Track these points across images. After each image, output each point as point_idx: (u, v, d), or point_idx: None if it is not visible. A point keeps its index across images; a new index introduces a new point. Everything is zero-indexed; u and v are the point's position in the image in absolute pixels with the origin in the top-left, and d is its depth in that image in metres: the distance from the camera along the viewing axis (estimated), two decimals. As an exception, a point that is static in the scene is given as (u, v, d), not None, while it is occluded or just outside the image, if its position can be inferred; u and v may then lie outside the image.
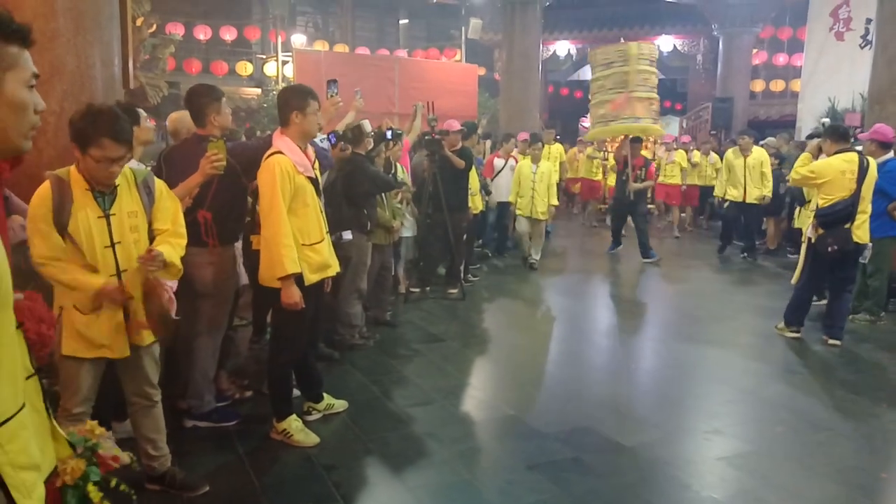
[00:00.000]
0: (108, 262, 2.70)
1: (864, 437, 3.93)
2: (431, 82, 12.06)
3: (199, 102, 3.66)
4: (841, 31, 12.78)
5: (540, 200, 8.42)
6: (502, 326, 6.43)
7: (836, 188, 5.36)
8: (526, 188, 8.47)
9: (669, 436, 3.91)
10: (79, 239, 2.64)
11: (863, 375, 4.97)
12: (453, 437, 3.81)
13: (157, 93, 10.42)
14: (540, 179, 8.44)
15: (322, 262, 3.64)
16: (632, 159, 9.26)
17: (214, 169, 3.33)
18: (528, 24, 13.90)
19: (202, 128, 3.68)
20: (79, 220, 2.63)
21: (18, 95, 1.28)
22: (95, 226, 2.67)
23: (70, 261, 2.64)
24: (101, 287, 2.64)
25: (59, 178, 2.65)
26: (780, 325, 5.92)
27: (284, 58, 15.53)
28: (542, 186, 8.43)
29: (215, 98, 3.68)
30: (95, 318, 2.68)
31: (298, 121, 3.52)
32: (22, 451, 1.27)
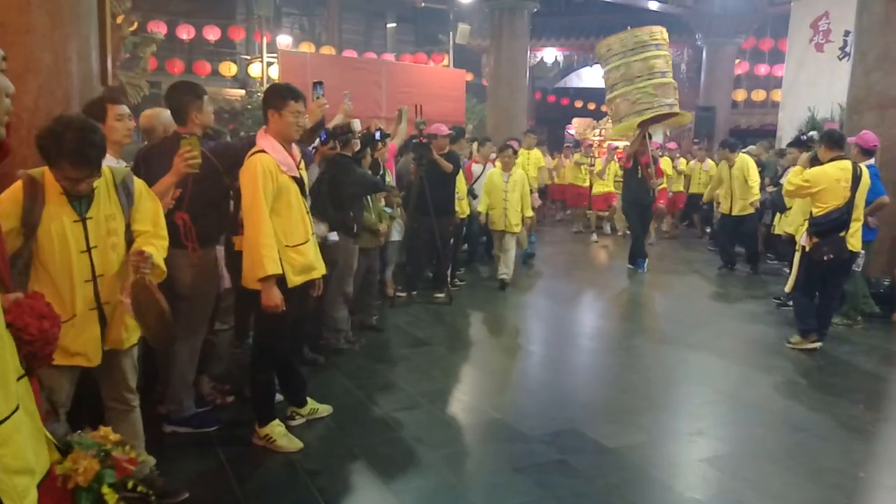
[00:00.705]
0: (84, 267, 2.61)
1: (842, 438, 3.99)
2: (419, 87, 12.05)
3: (180, 100, 3.57)
4: (821, 43, 12.96)
5: (513, 211, 7.75)
6: (488, 331, 6.43)
7: (831, 196, 5.34)
8: (497, 199, 7.78)
9: (653, 438, 3.94)
10: (49, 244, 2.53)
11: (841, 378, 5.04)
12: (439, 442, 3.80)
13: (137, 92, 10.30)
14: (512, 188, 7.75)
15: (306, 264, 3.59)
16: (641, 156, 8.81)
17: (189, 167, 3.20)
18: (516, 30, 13.96)
19: (183, 126, 3.57)
20: (51, 225, 2.53)
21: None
22: (71, 230, 2.57)
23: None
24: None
25: (33, 178, 2.54)
26: (794, 338, 5.70)
27: (269, 59, 15.45)
28: (514, 196, 7.75)
29: (197, 95, 3.58)
30: (70, 327, 2.57)
31: (274, 120, 3.47)
32: (15, 455, 1.24)
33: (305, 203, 3.64)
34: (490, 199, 7.83)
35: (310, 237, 3.62)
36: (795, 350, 5.62)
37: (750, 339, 6.12)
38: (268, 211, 3.37)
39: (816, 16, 13.01)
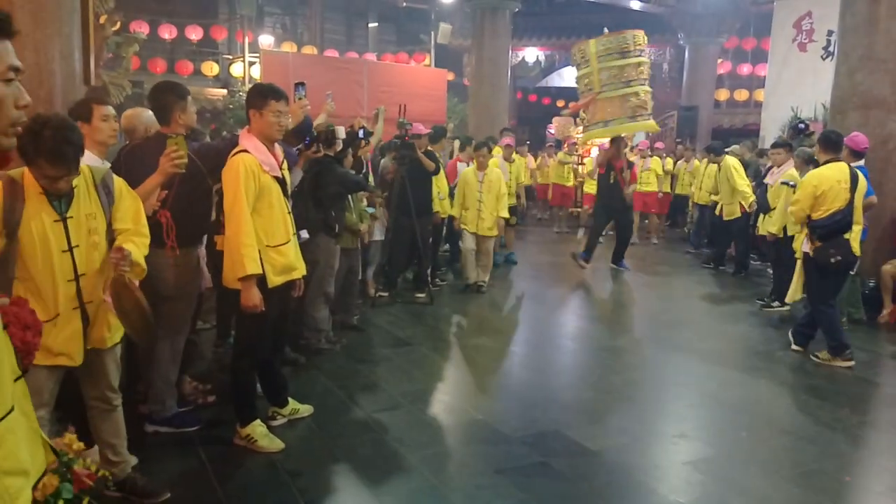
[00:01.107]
0: (66, 266, 2.58)
1: (827, 441, 3.99)
2: (400, 86, 12.01)
3: (164, 100, 3.55)
4: (804, 43, 13.06)
5: (487, 214, 7.37)
6: (470, 331, 6.41)
7: (832, 199, 5.23)
8: (471, 199, 7.41)
9: (636, 440, 3.92)
10: (31, 244, 2.50)
11: (825, 380, 5.05)
12: (420, 443, 3.77)
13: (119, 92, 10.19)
14: (487, 189, 7.35)
15: (286, 264, 3.56)
16: (616, 161, 8.62)
17: (175, 167, 3.16)
18: (497, 29, 13.94)
19: (166, 126, 3.55)
20: (32, 225, 2.50)
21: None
22: (51, 230, 2.54)
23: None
24: None
25: (12, 179, 2.51)
26: (823, 354, 5.42)
27: (251, 59, 15.35)
28: (489, 197, 7.35)
29: (180, 96, 3.57)
30: (52, 326, 2.55)
31: (256, 120, 3.47)
32: (8, 456, 1.23)
33: (287, 204, 3.62)
34: (464, 199, 7.48)
35: (291, 238, 3.60)
36: (780, 352, 5.64)
37: (734, 340, 6.14)
38: (249, 210, 3.35)
39: (800, 15, 13.10)
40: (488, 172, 7.41)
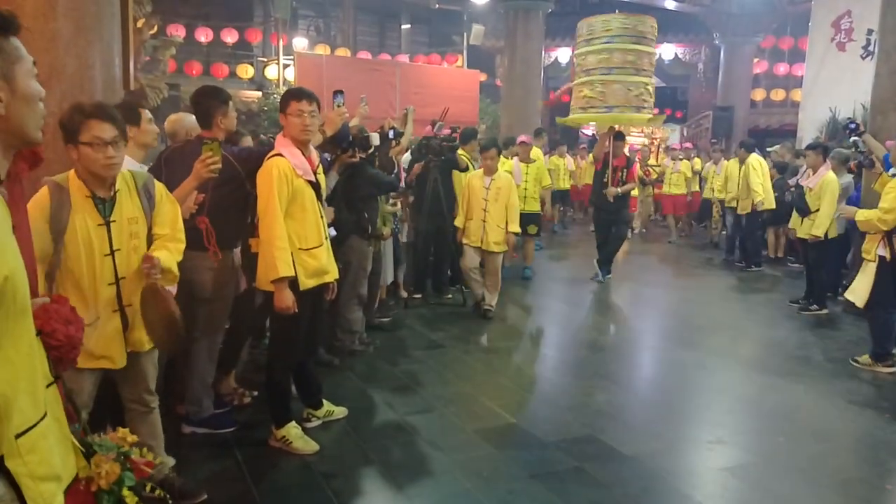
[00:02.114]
0: (107, 270, 2.64)
1: (867, 448, 3.90)
2: (433, 87, 12.06)
3: (206, 104, 3.62)
4: (843, 42, 12.79)
5: (493, 226, 6.41)
6: (502, 333, 6.38)
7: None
8: (476, 208, 6.45)
9: (671, 445, 3.88)
10: (76, 248, 2.57)
11: (865, 386, 4.94)
12: (454, 446, 3.77)
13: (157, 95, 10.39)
14: (494, 198, 6.39)
15: (319, 267, 3.59)
16: (613, 158, 7.99)
17: (210, 172, 3.21)
18: (530, 30, 13.89)
19: (208, 129, 3.62)
20: (77, 228, 2.56)
21: (30, 87, 1.27)
22: (95, 234, 2.61)
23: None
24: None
25: (58, 184, 2.58)
26: (863, 358, 5.34)
27: (286, 61, 15.50)
28: (496, 208, 6.39)
29: (222, 101, 3.63)
30: (93, 329, 2.60)
31: (284, 123, 3.54)
32: (42, 462, 1.25)
33: (321, 207, 3.64)
34: (468, 208, 6.56)
35: (323, 241, 3.63)
36: (819, 357, 5.52)
37: (770, 344, 6.03)
38: (282, 214, 3.39)
39: (838, 14, 12.83)
40: (496, 178, 6.45)
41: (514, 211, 6.47)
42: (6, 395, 1.16)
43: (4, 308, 1.16)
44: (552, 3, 14.09)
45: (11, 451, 1.19)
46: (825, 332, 6.40)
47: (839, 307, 7.17)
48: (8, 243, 1.19)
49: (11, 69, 1.23)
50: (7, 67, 1.22)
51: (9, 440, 1.19)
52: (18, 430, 1.20)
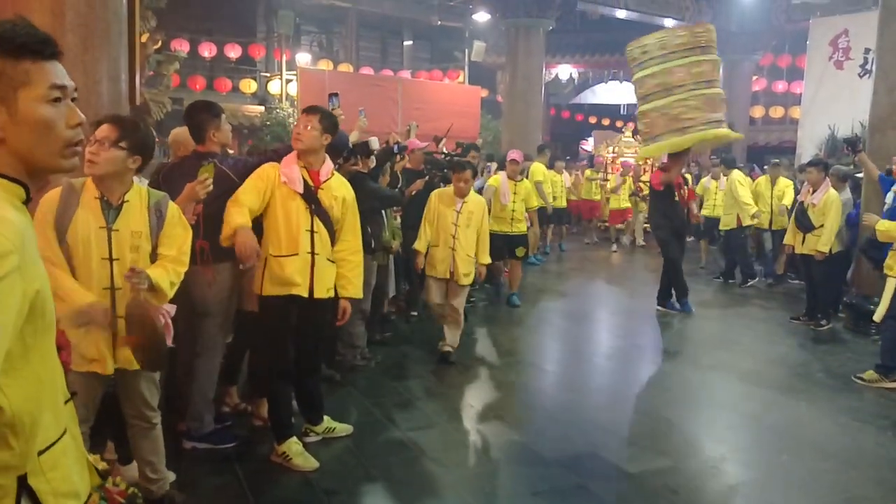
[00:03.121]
0: (103, 275, 2.66)
1: (870, 465, 3.89)
2: (434, 103, 12.15)
3: (198, 119, 3.64)
4: (840, 61, 12.89)
5: (463, 256, 5.46)
6: (504, 349, 6.38)
7: None
8: (444, 234, 5.49)
9: (674, 462, 3.86)
10: (76, 248, 2.62)
11: (867, 402, 4.94)
12: (456, 462, 3.76)
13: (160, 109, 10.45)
14: (466, 223, 5.48)
15: (284, 277, 3.53)
16: (676, 179, 7.47)
17: (204, 194, 3.30)
18: (531, 47, 14.00)
19: (201, 144, 3.65)
20: (78, 228, 2.62)
21: (37, 113, 1.21)
22: (95, 236, 2.65)
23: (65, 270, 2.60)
24: (89, 304, 2.55)
25: (72, 185, 2.65)
26: (868, 374, 5.32)
27: (289, 76, 15.61)
28: (467, 235, 5.48)
29: (215, 114, 3.66)
30: (86, 332, 2.62)
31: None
32: (64, 479, 1.26)
33: (316, 221, 3.60)
34: (433, 232, 5.56)
35: (300, 252, 3.55)
36: (820, 374, 5.53)
37: (772, 360, 6.02)
38: (250, 199, 3.47)
39: (836, 33, 12.94)
40: (468, 201, 5.53)
41: (486, 238, 5.68)
42: (32, 413, 1.16)
43: (34, 323, 1.16)
44: (553, 21, 14.20)
45: (35, 468, 1.20)
46: (826, 348, 6.40)
47: (840, 323, 7.18)
48: (38, 259, 1.20)
49: (12, 93, 1.19)
50: (6, 91, 1.19)
51: (32, 458, 1.19)
52: (41, 447, 1.21)
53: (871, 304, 6.77)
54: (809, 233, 6.97)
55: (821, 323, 7.04)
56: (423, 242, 5.57)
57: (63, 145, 1.25)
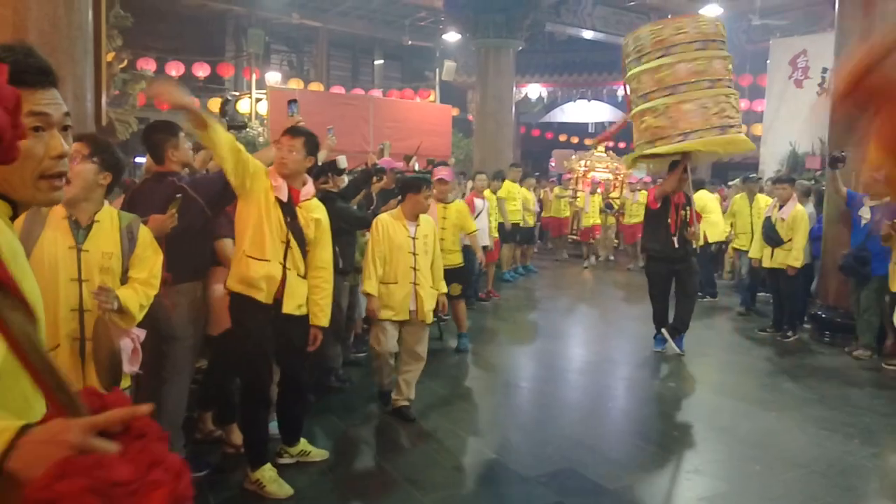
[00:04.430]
0: (71, 296, 2.60)
1: (839, 474, 3.97)
2: (406, 122, 12.19)
3: (155, 138, 3.58)
4: (800, 79, 13.27)
5: (427, 289, 4.67)
6: (479, 367, 6.38)
7: None
8: (401, 267, 4.60)
9: (649, 476, 3.90)
10: (40, 269, 2.51)
11: (834, 412, 5.03)
12: (434, 484, 3.74)
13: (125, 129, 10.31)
14: (423, 250, 4.68)
15: (250, 277, 3.48)
16: (674, 195, 6.41)
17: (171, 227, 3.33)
18: (501, 67, 14.18)
19: (160, 164, 3.60)
20: (45, 248, 2.56)
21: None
22: (63, 256, 2.60)
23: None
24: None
25: (38, 207, 2.59)
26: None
27: (258, 95, 15.55)
28: (427, 263, 4.70)
29: (172, 133, 3.60)
30: (54, 357, 2.56)
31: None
32: None
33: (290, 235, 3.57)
34: (387, 266, 4.60)
35: (270, 259, 3.51)
36: (788, 384, 5.64)
37: (741, 372, 6.12)
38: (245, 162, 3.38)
39: (795, 53, 13.34)
40: (421, 223, 4.74)
41: (440, 263, 4.93)
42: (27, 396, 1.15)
43: None
44: (522, 41, 14.40)
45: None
46: (794, 360, 6.52)
47: (806, 334, 7.34)
48: (29, 272, 1.19)
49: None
50: None
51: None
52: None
53: (836, 316, 6.99)
54: (778, 247, 7.12)
55: (787, 334, 7.20)
56: (374, 283, 4.54)
57: (37, 176, 1.20)
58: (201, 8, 17.73)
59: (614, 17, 16.11)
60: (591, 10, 15.72)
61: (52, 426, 0.91)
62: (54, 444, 0.87)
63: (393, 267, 4.59)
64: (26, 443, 0.88)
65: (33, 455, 0.87)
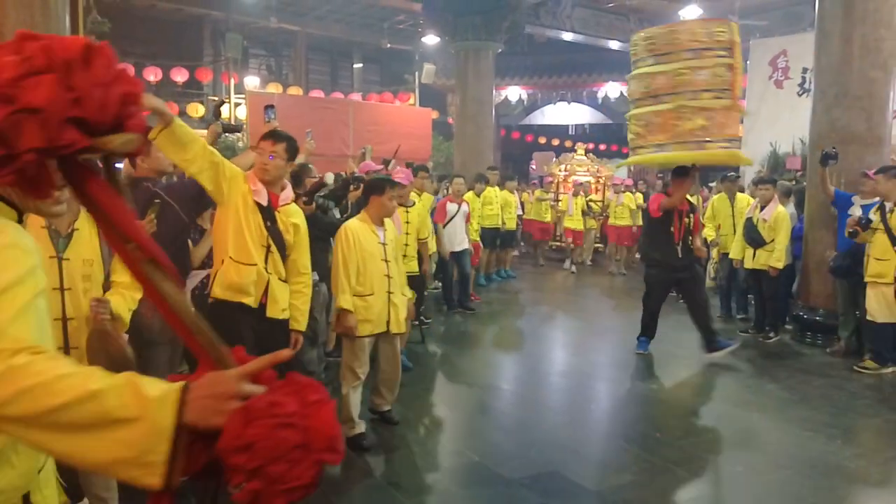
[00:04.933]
0: (54, 306, 2.55)
1: (822, 475, 3.98)
2: (386, 125, 12.15)
3: None
4: (780, 80, 13.38)
5: (400, 296, 4.42)
6: (462, 370, 6.36)
7: None
8: (376, 277, 4.25)
9: (634, 478, 3.89)
10: None
11: (816, 412, 5.05)
12: (418, 487, 3.71)
13: (103, 134, 10.20)
14: (394, 256, 4.42)
15: (236, 283, 3.48)
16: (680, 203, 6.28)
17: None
18: (480, 70, 14.17)
19: (135, 170, 3.58)
20: None
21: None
22: (44, 266, 2.53)
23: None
24: None
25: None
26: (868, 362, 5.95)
27: (237, 100, 15.45)
28: (398, 270, 4.45)
29: None
30: None
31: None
32: (53, 496, 1.33)
33: (270, 239, 3.56)
34: (360, 276, 4.20)
35: (256, 263, 3.51)
36: (770, 385, 5.67)
37: (723, 373, 6.13)
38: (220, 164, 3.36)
39: (775, 54, 13.44)
40: (388, 228, 4.47)
41: (403, 269, 4.72)
42: None
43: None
44: (501, 44, 14.42)
45: (36, 486, 1.25)
46: (776, 361, 6.55)
47: (787, 335, 7.38)
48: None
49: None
50: None
51: (34, 476, 1.24)
52: (39, 466, 1.26)
53: (817, 317, 7.03)
54: (760, 248, 7.15)
55: (769, 336, 7.23)
56: (349, 296, 4.14)
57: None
58: (178, 13, 17.62)
59: (594, 18, 16.17)
60: (570, 12, 15.76)
61: (209, 380, 1.00)
62: (218, 395, 0.98)
63: (367, 277, 4.22)
64: (193, 398, 0.97)
65: (202, 406, 0.97)
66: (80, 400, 0.94)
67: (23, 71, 0.93)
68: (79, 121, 0.95)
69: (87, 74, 0.96)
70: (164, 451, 0.96)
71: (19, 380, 0.94)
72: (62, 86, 0.94)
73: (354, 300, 4.14)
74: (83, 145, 0.96)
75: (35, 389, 0.94)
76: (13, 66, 0.93)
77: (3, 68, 0.94)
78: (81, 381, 0.96)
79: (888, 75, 6.97)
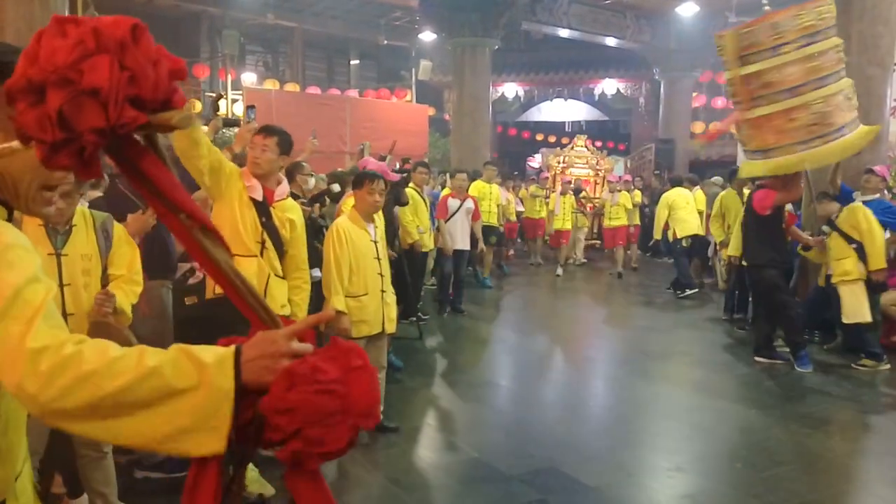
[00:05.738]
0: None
1: (820, 471, 4.00)
2: (382, 122, 12.17)
3: None
4: (775, 77, 13.38)
5: (391, 296, 4.32)
6: (460, 366, 6.36)
7: None
8: (370, 276, 4.14)
9: (631, 475, 3.90)
10: None
11: (813, 408, 5.08)
12: (416, 483, 3.72)
13: (100, 131, 10.17)
14: (383, 252, 4.33)
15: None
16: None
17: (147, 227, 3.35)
18: (477, 66, 14.16)
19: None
20: None
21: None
22: (43, 263, 2.54)
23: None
24: None
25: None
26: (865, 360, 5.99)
27: (234, 96, 15.41)
28: (387, 267, 4.35)
29: None
30: None
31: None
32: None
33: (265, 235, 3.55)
34: (353, 276, 4.07)
35: (254, 254, 3.51)
36: (768, 382, 5.69)
37: (721, 370, 6.15)
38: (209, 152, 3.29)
39: (769, 51, 13.44)
40: (378, 224, 4.34)
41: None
42: (12, 440, 1.18)
43: None
44: (498, 40, 14.41)
45: (12, 494, 1.22)
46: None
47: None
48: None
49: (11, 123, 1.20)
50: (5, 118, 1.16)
51: (11, 484, 1.21)
52: (16, 473, 1.23)
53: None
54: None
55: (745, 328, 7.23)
56: (342, 297, 3.98)
57: (39, 185, 1.25)
58: (176, 9, 17.55)
59: (590, 15, 16.16)
60: (566, 9, 15.75)
61: (260, 339, 1.05)
62: (271, 354, 1.02)
63: (361, 277, 4.09)
64: (248, 359, 1.01)
65: (257, 366, 1.01)
66: (142, 378, 0.95)
67: (78, 54, 0.93)
68: (134, 99, 0.96)
69: (138, 53, 0.97)
70: (227, 413, 0.98)
71: (75, 368, 0.95)
72: (117, 65, 0.95)
73: (347, 301, 4.03)
74: (142, 122, 0.97)
75: (94, 376, 0.94)
76: (66, 49, 0.93)
77: (55, 52, 0.94)
78: (136, 359, 0.97)
79: (885, 72, 6.99)
